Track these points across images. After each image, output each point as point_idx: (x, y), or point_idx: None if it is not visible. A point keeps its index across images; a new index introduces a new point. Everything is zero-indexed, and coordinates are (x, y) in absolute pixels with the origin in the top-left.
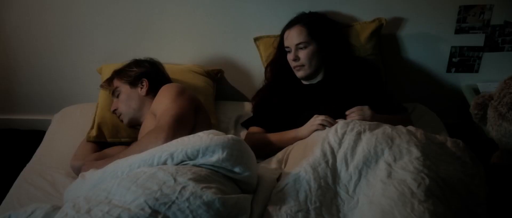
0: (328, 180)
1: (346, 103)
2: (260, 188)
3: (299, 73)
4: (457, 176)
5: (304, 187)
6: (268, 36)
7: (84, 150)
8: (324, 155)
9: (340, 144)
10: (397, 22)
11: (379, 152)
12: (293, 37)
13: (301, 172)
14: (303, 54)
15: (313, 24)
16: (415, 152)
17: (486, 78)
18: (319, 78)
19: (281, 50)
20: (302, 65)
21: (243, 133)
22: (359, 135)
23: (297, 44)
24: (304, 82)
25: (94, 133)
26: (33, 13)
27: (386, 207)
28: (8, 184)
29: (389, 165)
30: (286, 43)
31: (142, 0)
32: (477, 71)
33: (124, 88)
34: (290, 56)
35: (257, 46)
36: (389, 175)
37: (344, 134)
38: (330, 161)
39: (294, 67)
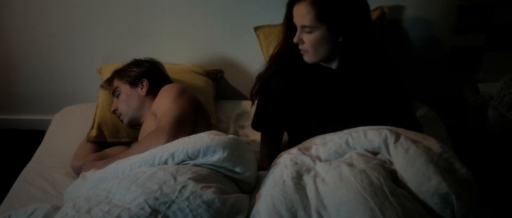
0: (306, 160)
1: (362, 101)
2: (257, 186)
3: (304, 58)
4: None
5: (280, 167)
6: (268, 26)
7: (84, 150)
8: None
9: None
10: (397, 22)
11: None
12: (298, 17)
13: (280, 161)
14: (307, 39)
15: (325, 2)
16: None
17: (486, 78)
18: (334, 65)
19: (288, 22)
20: (306, 51)
21: (243, 132)
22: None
23: (302, 26)
24: (322, 63)
25: (94, 133)
26: (34, 13)
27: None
28: (8, 184)
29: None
30: (293, 19)
31: (142, 0)
32: (477, 71)
33: (124, 88)
34: (295, 37)
35: (257, 36)
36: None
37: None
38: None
39: (300, 50)
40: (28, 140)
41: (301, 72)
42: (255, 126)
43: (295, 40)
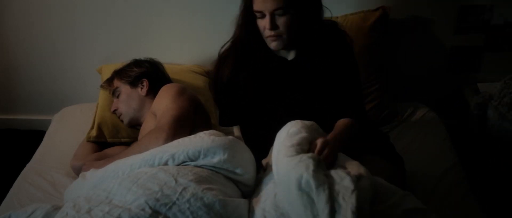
0: None
1: (315, 92)
2: (256, 191)
3: (274, 44)
4: None
5: (271, 176)
6: None
7: (84, 150)
8: None
9: None
10: (397, 22)
11: None
12: (268, 1)
13: (271, 169)
14: (282, 22)
15: None
16: None
17: (486, 78)
18: (290, 56)
19: (247, 13)
20: (280, 36)
21: None
22: None
23: (274, 10)
24: (277, 54)
25: (94, 133)
26: (34, 13)
27: None
28: (8, 184)
29: None
30: (257, 7)
31: (142, 0)
32: (477, 71)
33: (124, 88)
34: (263, 24)
35: None
36: None
37: None
38: None
39: (269, 36)
40: (28, 140)
41: (255, 63)
42: (221, 123)
43: (268, 26)
